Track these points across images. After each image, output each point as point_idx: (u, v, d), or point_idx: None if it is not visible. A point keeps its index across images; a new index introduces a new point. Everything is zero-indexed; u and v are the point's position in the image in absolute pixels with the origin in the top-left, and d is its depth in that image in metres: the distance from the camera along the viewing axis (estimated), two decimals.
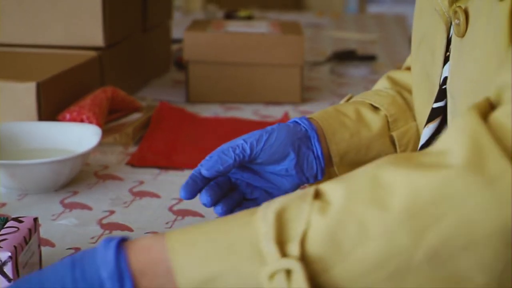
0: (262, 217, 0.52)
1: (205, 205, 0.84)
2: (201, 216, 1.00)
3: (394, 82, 0.98)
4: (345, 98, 0.98)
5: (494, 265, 0.49)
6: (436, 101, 0.76)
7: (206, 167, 0.83)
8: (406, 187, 0.50)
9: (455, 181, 0.49)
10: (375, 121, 0.90)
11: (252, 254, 0.50)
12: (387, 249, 0.50)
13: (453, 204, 0.49)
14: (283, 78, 1.55)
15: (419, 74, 0.84)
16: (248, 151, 0.81)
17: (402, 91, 0.95)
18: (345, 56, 1.98)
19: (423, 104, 0.82)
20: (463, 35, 0.69)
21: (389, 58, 2.06)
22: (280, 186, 0.86)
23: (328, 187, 0.54)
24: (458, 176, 0.49)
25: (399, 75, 0.99)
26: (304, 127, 0.86)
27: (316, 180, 0.86)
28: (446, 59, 0.75)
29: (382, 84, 0.99)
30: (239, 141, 0.83)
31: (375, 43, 2.28)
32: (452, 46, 0.72)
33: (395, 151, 0.91)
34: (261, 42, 1.54)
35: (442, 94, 0.75)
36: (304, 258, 0.50)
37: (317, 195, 0.54)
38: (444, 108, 0.75)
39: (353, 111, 0.90)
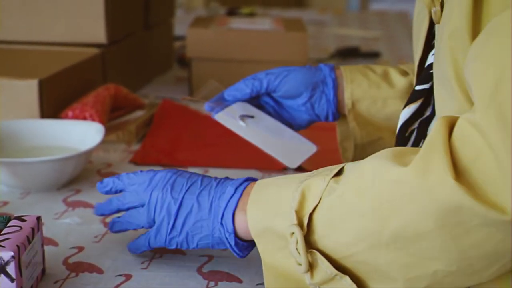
0: (295, 190, 0.68)
1: None
2: None
3: None
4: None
5: (446, 254, 0.59)
6: (419, 83, 0.79)
7: (227, 92, 0.99)
8: (377, 180, 0.62)
9: (404, 183, 0.59)
10: (399, 81, 0.98)
11: (287, 218, 0.67)
12: (362, 229, 0.63)
13: (400, 204, 0.60)
14: None
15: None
16: (265, 85, 0.98)
17: None
18: (349, 53, 1.97)
19: None
20: (439, 22, 0.72)
21: (392, 55, 2.05)
22: (295, 118, 1.02)
23: (347, 167, 0.67)
24: (407, 179, 0.59)
25: None
26: (324, 74, 0.99)
27: (327, 120, 1.01)
28: (432, 46, 0.78)
29: None
30: (262, 74, 0.99)
31: (378, 40, 2.27)
32: (436, 33, 0.75)
33: None
34: (265, 39, 1.53)
35: (427, 78, 0.78)
36: (310, 226, 0.66)
37: (340, 172, 0.68)
38: (429, 90, 0.78)
39: (381, 69, 1.01)
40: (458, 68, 0.65)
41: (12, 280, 0.72)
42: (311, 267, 0.66)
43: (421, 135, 0.80)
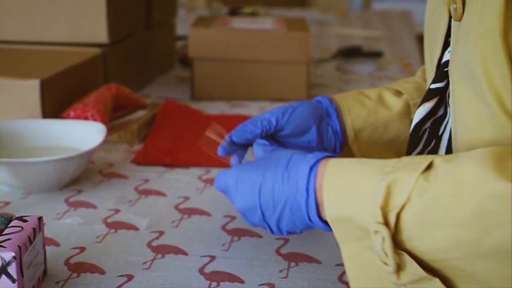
0: (378, 183, 0.64)
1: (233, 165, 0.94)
2: (208, 214, 0.99)
3: (424, 71, 1.01)
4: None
5: None
6: (434, 82, 0.78)
7: (236, 134, 0.93)
8: (480, 191, 0.59)
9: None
10: (395, 103, 0.96)
11: (370, 212, 0.64)
12: (458, 238, 0.60)
13: (506, 219, 0.57)
14: (289, 75, 1.53)
15: (427, 56, 0.85)
16: (274, 123, 0.92)
17: None
18: (351, 53, 1.97)
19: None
20: (460, 19, 0.71)
21: (395, 55, 2.04)
22: None
23: (439, 165, 0.63)
24: None
25: None
26: (326, 105, 0.95)
27: (335, 153, 0.96)
28: (448, 43, 0.77)
29: (417, 73, 1.03)
30: (267, 114, 0.93)
31: (380, 40, 2.27)
32: (452, 31, 0.74)
33: None
34: (267, 38, 1.53)
35: (442, 76, 0.77)
36: (398, 225, 0.62)
37: (430, 166, 0.64)
38: (443, 89, 0.77)
39: (375, 93, 0.97)
40: (487, 68, 0.64)
41: (13, 280, 0.72)
42: (398, 268, 0.63)
43: (433, 135, 0.79)
